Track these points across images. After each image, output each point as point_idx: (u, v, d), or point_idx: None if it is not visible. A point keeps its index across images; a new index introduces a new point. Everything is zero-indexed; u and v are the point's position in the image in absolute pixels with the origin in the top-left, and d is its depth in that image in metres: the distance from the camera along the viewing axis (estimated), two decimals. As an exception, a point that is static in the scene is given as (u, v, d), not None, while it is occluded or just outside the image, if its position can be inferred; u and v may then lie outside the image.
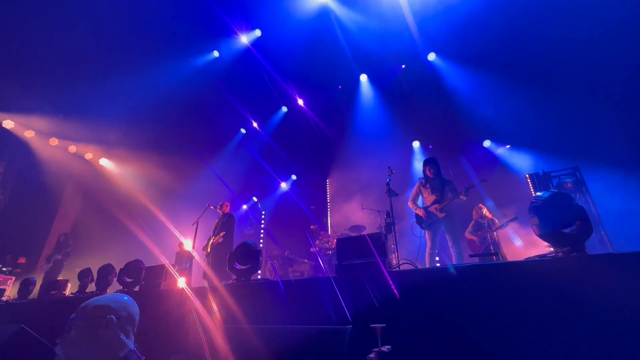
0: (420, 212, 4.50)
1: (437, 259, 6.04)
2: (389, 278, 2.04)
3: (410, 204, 4.71)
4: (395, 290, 1.98)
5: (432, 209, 4.41)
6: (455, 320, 1.76)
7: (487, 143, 8.22)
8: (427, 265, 4.31)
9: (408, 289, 1.97)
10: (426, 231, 4.48)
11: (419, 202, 4.72)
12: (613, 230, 5.51)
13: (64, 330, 1.23)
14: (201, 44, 8.27)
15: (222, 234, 5.55)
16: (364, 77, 8.86)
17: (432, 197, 4.46)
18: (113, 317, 1.25)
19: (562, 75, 6.71)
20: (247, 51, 8.24)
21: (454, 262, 4.17)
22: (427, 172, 4.56)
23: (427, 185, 4.57)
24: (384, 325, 1.10)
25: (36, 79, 7.82)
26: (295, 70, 8.46)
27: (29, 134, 8.40)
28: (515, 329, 1.61)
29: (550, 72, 6.83)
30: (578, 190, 5.80)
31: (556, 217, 2.07)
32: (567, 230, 2.02)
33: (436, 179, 4.51)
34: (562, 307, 1.55)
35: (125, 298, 1.38)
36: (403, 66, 8.32)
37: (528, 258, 2.02)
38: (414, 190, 4.77)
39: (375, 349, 0.99)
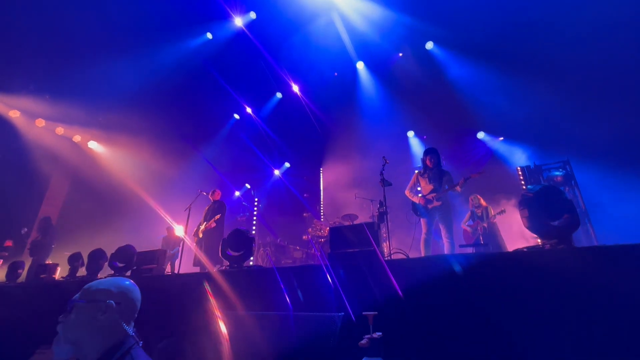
0: (417, 200, 4.54)
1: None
2: (383, 266, 2.07)
3: (407, 192, 4.74)
4: (386, 279, 2.01)
5: (428, 197, 4.46)
6: (445, 309, 1.80)
7: (481, 135, 8.27)
8: (422, 252, 4.37)
9: (399, 278, 2.00)
10: (421, 219, 4.54)
11: (416, 191, 4.76)
12: (599, 223, 5.67)
13: (66, 310, 1.23)
14: (194, 25, 8.01)
15: (217, 216, 5.54)
16: (360, 65, 8.74)
17: (430, 187, 4.50)
18: (112, 302, 1.24)
19: (557, 69, 6.73)
20: (241, 34, 8.01)
21: (446, 253, 4.23)
22: (428, 162, 4.57)
23: (425, 175, 4.59)
24: (376, 312, 1.12)
25: (21, 58, 7.49)
26: (291, 55, 8.29)
27: (14, 114, 8.11)
28: (503, 317, 1.66)
29: (545, 65, 6.85)
30: (567, 183, 5.92)
31: (545, 210, 2.12)
32: (555, 223, 2.07)
33: (435, 169, 4.54)
34: (548, 297, 1.60)
35: (127, 283, 1.36)
36: (400, 54, 8.22)
37: (516, 250, 2.07)
38: (411, 179, 4.79)
39: (367, 336, 1.01)
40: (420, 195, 4.58)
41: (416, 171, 4.79)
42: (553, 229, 2.03)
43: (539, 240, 2.41)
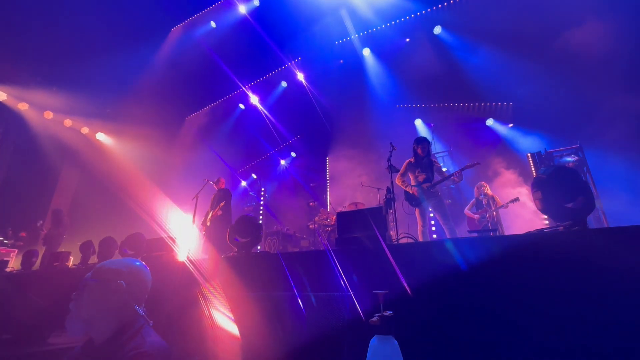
0: (411, 190, 4.50)
1: (435, 236, 6.15)
2: (387, 251, 2.05)
3: (398, 181, 4.67)
4: (394, 263, 1.99)
5: (422, 187, 4.42)
6: (454, 291, 1.79)
7: (489, 122, 8.10)
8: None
9: (407, 262, 1.99)
10: (416, 209, 4.51)
11: (408, 180, 4.70)
12: (611, 210, 5.56)
13: (79, 289, 1.26)
14: (197, 14, 7.93)
15: (221, 204, 5.58)
16: (366, 52, 8.57)
17: (422, 176, 4.46)
18: (122, 282, 1.26)
19: (569, 53, 6.49)
20: (244, 22, 7.91)
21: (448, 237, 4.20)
22: (419, 151, 4.52)
23: (417, 164, 4.55)
24: (387, 291, 1.11)
25: (27, 50, 7.53)
26: (295, 43, 8.18)
27: (22, 107, 8.21)
28: (513, 299, 1.64)
29: (556, 50, 6.62)
30: (579, 169, 5.78)
31: (559, 191, 2.06)
32: (569, 205, 2.02)
33: (426, 159, 4.50)
34: (562, 280, 1.56)
35: (137, 263, 1.38)
36: (407, 39, 8.03)
37: (528, 232, 2.02)
38: (402, 168, 4.71)
39: (377, 314, 0.99)
40: (414, 185, 4.52)
41: (407, 160, 4.72)
42: (567, 211, 1.98)
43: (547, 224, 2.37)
